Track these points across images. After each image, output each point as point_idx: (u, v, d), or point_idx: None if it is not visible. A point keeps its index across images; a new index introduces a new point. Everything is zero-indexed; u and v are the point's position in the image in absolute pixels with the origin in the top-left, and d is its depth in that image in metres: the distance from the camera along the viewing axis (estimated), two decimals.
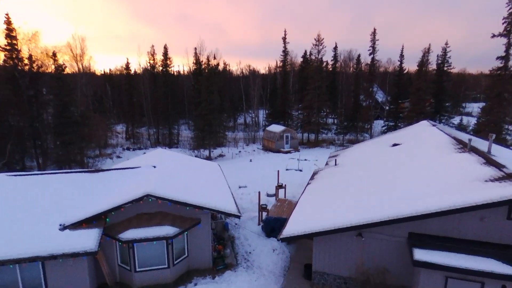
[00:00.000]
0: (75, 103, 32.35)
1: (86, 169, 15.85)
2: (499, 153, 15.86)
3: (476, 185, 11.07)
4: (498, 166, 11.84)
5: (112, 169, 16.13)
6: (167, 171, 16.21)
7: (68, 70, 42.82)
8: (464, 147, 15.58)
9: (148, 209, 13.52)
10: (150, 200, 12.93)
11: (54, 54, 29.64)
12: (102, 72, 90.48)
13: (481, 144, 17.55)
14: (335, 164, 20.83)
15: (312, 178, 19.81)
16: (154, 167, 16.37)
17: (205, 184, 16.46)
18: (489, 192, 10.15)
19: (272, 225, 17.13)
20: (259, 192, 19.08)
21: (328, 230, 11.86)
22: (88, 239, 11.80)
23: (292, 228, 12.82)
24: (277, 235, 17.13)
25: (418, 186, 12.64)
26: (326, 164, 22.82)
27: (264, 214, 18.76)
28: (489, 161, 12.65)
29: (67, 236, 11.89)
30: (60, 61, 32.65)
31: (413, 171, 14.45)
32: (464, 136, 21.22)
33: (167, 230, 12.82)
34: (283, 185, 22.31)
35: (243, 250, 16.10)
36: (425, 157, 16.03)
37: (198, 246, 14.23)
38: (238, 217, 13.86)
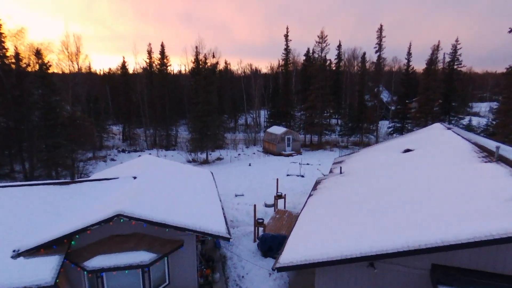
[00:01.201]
0: (61, 104, 30.51)
1: (56, 181, 13.91)
2: None
3: None
4: None
5: (86, 181, 14.19)
6: (149, 183, 14.25)
7: (58, 70, 41.13)
8: (490, 155, 13.47)
9: (121, 230, 11.55)
10: (122, 220, 10.95)
11: (38, 52, 27.80)
12: (102, 72, 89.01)
13: (507, 151, 15.46)
14: (340, 173, 18.76)
15: (314, 188, 17.76)
16: (135, 178, 14.42)
17: (192, 198, 14.46)
18: None
19: (269, 244, 15.12)
20: (254, 205, 17.05)
21: (334, 260, 9.79)
22: (45, 269, 9.83)
23: (290, 255, 10.76)
24: (274, 255, 15.15)
25: (441, 205, 10.55)
26: (330, 171, 20.76)
27: (261, 229, 16.75)
28: None
29: (20, 266, 9.94)
30: (55, 60, 31.06)
31: (432, 186, 12.34)
32: (483, 141, 19.09)
33: (142, 256, 10.83)
34: (283, 194, 20.29)
35: (235, 273, 14.10)
36: (445, 167, 13.92)
37: (182, 272, 12.26)
38: (228, 239, 11.84)
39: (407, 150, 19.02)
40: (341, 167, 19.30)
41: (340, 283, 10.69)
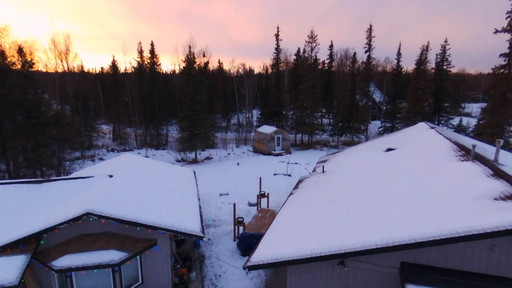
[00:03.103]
0: (45, 102, 30.06)
1: (29, 179, 13.63)
2: (507, 160, 13.81)
3: (484, 205, 9.00)
4: (510, 179, 9.76)
5: (60, 179, 13.96)
6: (125, 182, 14.05)
7: (45, 68, 40.65)
8: (467, 154, 13.49)
9: (91, 229, 11.34)
10: (91, 219, 10.76)
11: (21, 49, 27.40)
12: (95, 71, 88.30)
13: (486, 150, 15.46)
14: (323, 171, 18.70)
15: (296, 187, 17.68)
16: (111, 176, 14.21)
17: (169, 197, 14.28)
18: (501, 215, 8.06)
19: (248, 243, 14.98)
20: (234, 204, 16.91)
21: (303, 259, 9.69)
22: (10, 269, 9.61)
23: (262, 253, 10.65)
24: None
25: (412, 204, 10.52)
26: (314, 170, 20.69)
27: (242, 228, 16.63)
28: (498, 172, 10.56)
29: None
30: (36, 58, 30.59)
31: (409, 184, 12.32)
32: (466, 141, 19.12)
33: (112, 255, 10.65)
34: (266, 193, 20.18)
35: (212, 272, 13.95)
36: (422, 166, 13.91)
37: (155, 271, 12.09)
38: (201, 238, 11.69)
39: (389, 149, 18.99)
40: (323, 166, 19.24)
41: (312, 282, 10.60)
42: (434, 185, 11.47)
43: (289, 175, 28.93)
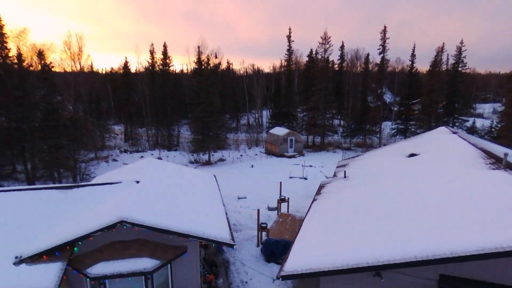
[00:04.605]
0: (63, 105, 30.37)
1: (59, 185, 13.78)
2: None
3: None
4: None
5: (89, 185, 14.07)
6: (152, 187, 14.11)
7: (60, 69, 41.05)
8: (497, 161, 13.29)
9: (123, 236, 11.42)
10: (125, 227, 10.82)
11: (41, 53, 27.70)
12: (104, 71, 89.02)
13: None
14: (345, 177, 18.59)
15: (318, 192, 17.59)
16: (138, 182, 14.28)
17: (195, 202, 14.32)
18: None
19: (272, 249, 14.98)
20: (258, 210, 16.90)
21: (339, 270, 9.64)
22: (47, 276, 9.71)
23: (295, 262, 10.62)
24: (278, 260, 15.03)
25: (448, 213, 10.37)
26: (334, 175, 20.58)
27: (264, 233, 16.62)
28: None
29: (23, 272, 9.83)
30: (52, 60, 30.91)
31: (439, 193, 12.15)
32: (491, 146, 18.89)
33: (145, 263, 10.71)
34: (286, 198, 20.13)
35: (238, 279, 13.96)
36: (451, 173, 13.72)
37: (185, 278, 12.14)
38: (232, 246, 11.70)
39: (412, 155, 18.82)
40: (345, 171, 19.12)
41: None
42: (466, 194, 11.30)
43: (305, 179, 28.85)
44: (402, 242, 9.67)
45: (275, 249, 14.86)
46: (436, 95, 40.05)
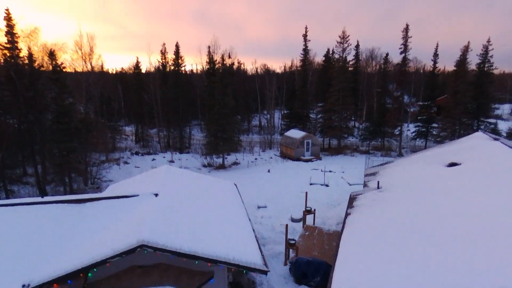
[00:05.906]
0: (75, 107, 29.38)
1: (71, 198, 12.54)
2: None
3: None
4: None
5: (104, 198, 12.78)
6: (172, 202, 12.78)
7: (71, 69, 40.22)
8: None
9: (143, 260, 10.12)
10: (145, 252, 9.49)
11: (52, 53, 26.72)
12: (114, 71, 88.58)
13: None
14: (378, 188, 17.02)
15: (350, 205, 16.04)
16: (156, 195, 12.97)
17: (220, 219, 12.96)
18: None
19: (304, 270, 13.51)
20: (286, 225, 15.44)
21: None
22: None
23: None
24: (309, 282, 13.59)
25: None
26: (365, 185, 19.01)
27: (291, 250, 15.17)
28: None
29: None
30: (62, 60, 29.99)
31: (499, 212, 10.51)
32: None
33: None
34: (312, 209, 18.65)
35: None
36: (506, 187, 12.06)
37: None
38: (265, 273, 10.29)
39: (453, 164, 17.14)
40: (378, 182, 17.55)
41: None
42: None
43: (327, 185, 27.29)
44: (470, 276, 8.11)
45: (307, 270, 13.42)
46: (462, 97, 38.00)
